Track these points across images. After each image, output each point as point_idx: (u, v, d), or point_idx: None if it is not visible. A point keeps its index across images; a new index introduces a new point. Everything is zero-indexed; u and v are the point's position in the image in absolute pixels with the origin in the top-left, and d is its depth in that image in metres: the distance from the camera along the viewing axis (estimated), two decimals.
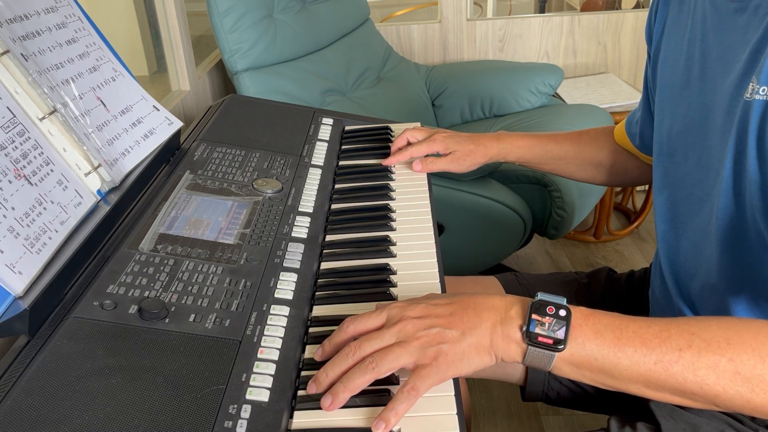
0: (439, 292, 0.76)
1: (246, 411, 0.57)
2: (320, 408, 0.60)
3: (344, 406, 0.60)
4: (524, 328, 0.61)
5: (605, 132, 1.12)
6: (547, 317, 0.61)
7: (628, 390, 0.61)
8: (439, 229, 0.94)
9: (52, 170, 0.75)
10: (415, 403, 0.60)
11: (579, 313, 0.62)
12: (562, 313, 0.61)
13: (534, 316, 0.61)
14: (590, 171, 1.12)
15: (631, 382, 0.60)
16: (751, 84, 0.67)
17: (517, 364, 1.00)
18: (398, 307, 0.65)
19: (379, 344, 0.62)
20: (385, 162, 1.06)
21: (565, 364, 0.61)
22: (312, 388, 0.62)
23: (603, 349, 0.59)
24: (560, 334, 0.60)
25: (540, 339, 0.60)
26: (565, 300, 0.62)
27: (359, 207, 0.97)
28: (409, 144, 1.08)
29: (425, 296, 0.68)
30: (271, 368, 0.62)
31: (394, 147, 1.08)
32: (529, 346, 0.60)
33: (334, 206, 0.97)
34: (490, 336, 0.62)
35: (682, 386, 0.58)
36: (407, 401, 0.58)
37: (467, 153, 1.06)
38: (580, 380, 0.62)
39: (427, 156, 1.07)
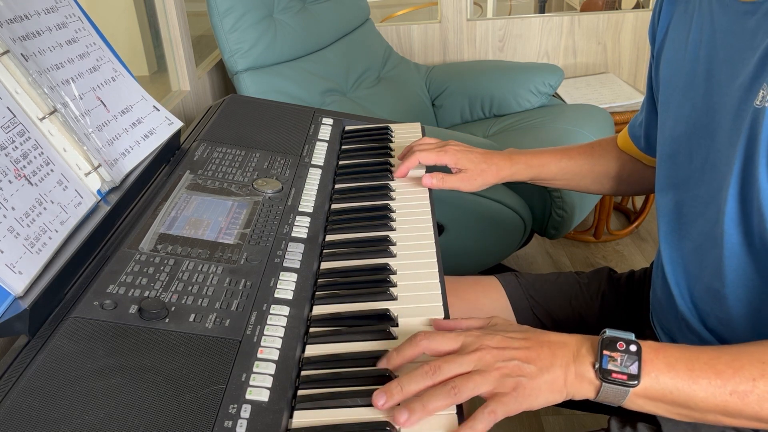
0: (439, 292, 0.76)
1: (246, 411, 0.57)
2: (320, 408, 0.60)
3: (344, 406, 0.60)
4: (597, 366, 0.62)
5: (615, 141, 1.09)
6: (618, 353, 0.62)
7: (705, 420, 0.62)
8: (439, 229, 0.94)
9: (52, 170, 0.76)
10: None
11: (649, 347, 0.63)
12: (633, 348, 0.62)
13: (605, 353, 0.62)
14: (606, 183, 1.09)
15: (708, 412, 0.61)
16: (761, 91, 0.66)
17: None
18: (474, 335, 0.65)
19: (459, 369, 0.62)
20: (396, 174, 1.02)
21: (640, 398, 0.62)
22: (380, 399, 0.60)
23: (677, 382, 0.61)
24: (633, 369, 0.61)
25: (614, 375, 0.61)
26: (633, 335, 0.63)
27: (359, 207, 0.97)
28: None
29: (493, 323, 0.69)
30: (271, 368, 0.62)
31: (401, 154, 1.04)
32: (603, 383, 0.61)
33: (334, 206, 0.97)
34: (564, 375, 0.62)
35: (758, 414, 0.60)
36: (485, 422, 0.59)
37: (479, 172, 1.02)
38: (655, 413, 0.63)
39: (436, 171, 1.02)
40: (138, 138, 0.92)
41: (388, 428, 0.58)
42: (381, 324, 0.71)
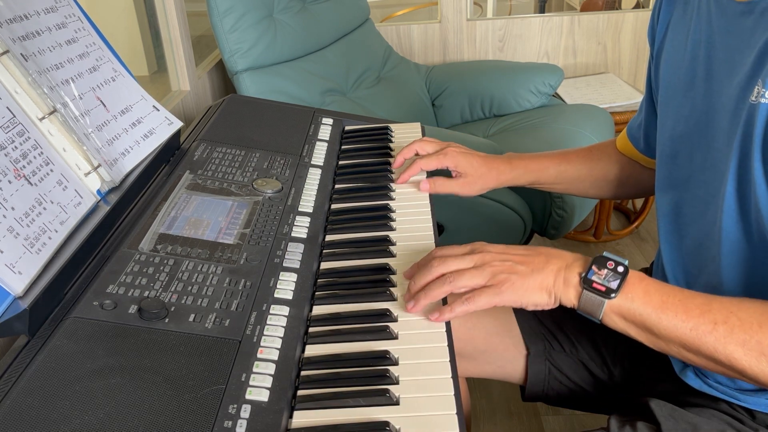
0: None
1: (246, 411, 0.57)
2: (320, 408, 0.61)
3: (344, 406, 0.60)
4: (583, 275, 0.70)
5: (614, 145, 1.09)
6: (605, 270, 0.69)
7: (669, 350, 0.69)
8: (439, 229, 0.94)
9: (51, 170, 0.75)
10: (415, 403, 0.61)
11: (636, 274, 0.70)
12: (620, 269, 0.69)
13: (594, 267, 0.70)
14: (604, 187, 1.09)
15: (670, 342, 0.67)
16: (756, 87, 0.67)
17: (517, 364, 1.00)
18: (481, 243, 0.76)
19: (460, 265, 0.72)
20: (398, 182, 1.01)
21: (615, 314, 0.69)
22: (409, 304, 0.72)
23: (648, 308, 0.67)
24: (613, 285, 0.68)
25: (594, 285, 0.69)
26: (627, 261, 0.70)
27: (359, 207, 0.97)
28: (417, 155, 1.03)
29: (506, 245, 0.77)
30: (271, 368, 0.62)
31: (400, 157, 1.03)
32: (584, 290, 0.69)
33: (334, 206, 0.97)
34: (554, 278, 0.71)
35: (713, 355, 0.65)
36: (463, 306, 0.69)
37: (479, 177, 1.02)
38: (627, 333, 0.70)
39: (436, 176, 1.02)
40: (138, 138, 0.92)
41: (388, 428, 0.58)
42: (381, 324, 0.71)
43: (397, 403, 0.61)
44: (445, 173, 1.03)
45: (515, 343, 1.00)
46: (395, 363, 0.66)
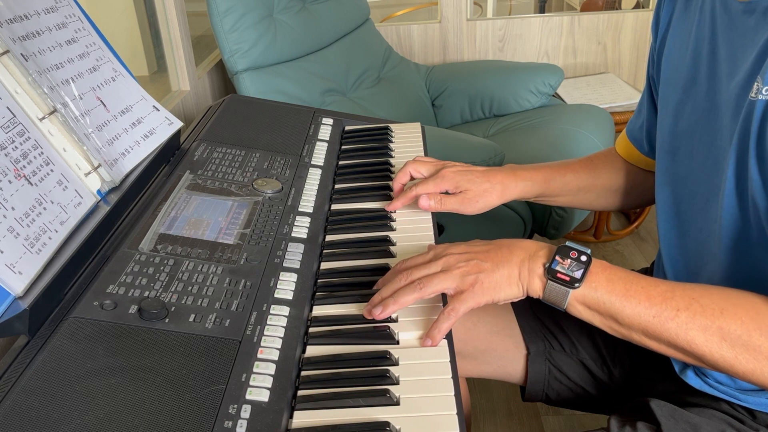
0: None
1: (246, 411, 0.57)
2: (320, 408, 0.60)
3: (344, 406, 0.60)
4: (547, 265, 0.70)
5: (615, 152, 1.05)
6: (569, 260, 0.69)
7: (631, 337, 0.69)
8: (439, 229, 0.93)
9: (52, 170, 0.75)
10: (415, 403, 0.61)
11: (599, 263, 0.70)
12: (584, 258, 0.70)
13: (557, 257, 0.70)
14: (610, 197, 1.05)
15: (632, 329, 0.68)
16: (755, 84, 0.67)
17: (517, 364, 1.00)
18: (443, 246, 0.75)
19: (427, 271, 0.72)
20: (389, 207, 0.94)
21: (579, 304, 0.70)
22: (367, 314, 0.71)
23: (611, 296, 0.68)
24: (577, 274, 0.69)
25: (558, 275, 0.69)
26: (590, 251, 0.71)
27: (359, 207, 0.97)
28: (412, 179, 0.97)
29: (467, 242, 0.77)
30: (271, 368, 0.62)
31: (397, 183, 0.97)
32: (548, 281, 0.69)
33: (334, 206, 0.97)
34: (519, 269, 0.71)
35: (674, 341, 0.66)
36: (448, 320, 0.68)
37: (480, 193, 0.94)
38: (591, 322, 0.71)
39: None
40: (138, 138, 0.92)
41: (388, 428, 0.58)
42: (381, 324, 0.71)
43: (397, 404, 0.61)
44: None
45: (515, 343, 1.00)
46: (395, 363, 0.66)
